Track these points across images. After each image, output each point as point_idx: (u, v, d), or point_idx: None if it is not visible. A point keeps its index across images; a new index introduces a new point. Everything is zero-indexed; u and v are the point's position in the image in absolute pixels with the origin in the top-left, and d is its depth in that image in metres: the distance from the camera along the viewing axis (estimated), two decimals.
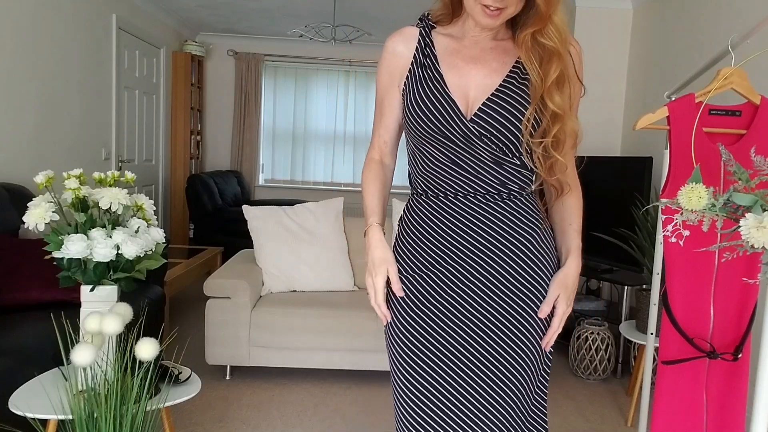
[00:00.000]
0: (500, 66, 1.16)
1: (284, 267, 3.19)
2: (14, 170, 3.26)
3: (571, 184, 1.20)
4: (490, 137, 1.13)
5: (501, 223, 1.17)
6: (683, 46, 3.43)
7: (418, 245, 1.21)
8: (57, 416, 1.58)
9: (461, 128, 1.13)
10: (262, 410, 2.67)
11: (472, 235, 1.17)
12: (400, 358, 1.20)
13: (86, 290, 1.71)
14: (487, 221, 1.17)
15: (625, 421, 2.70)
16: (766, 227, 0.99)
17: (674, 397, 1.68)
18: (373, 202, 1.26)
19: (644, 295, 2.80)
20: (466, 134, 1.13)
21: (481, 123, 1.12)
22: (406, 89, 1.19)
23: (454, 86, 1.15)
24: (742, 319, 1.63)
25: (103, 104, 4.41)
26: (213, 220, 5.57)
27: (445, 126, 1.13)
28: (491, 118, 1.12)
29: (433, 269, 1.19)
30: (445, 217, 1.19)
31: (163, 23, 5.58)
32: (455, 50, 1.18)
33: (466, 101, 1.14)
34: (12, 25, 3.25)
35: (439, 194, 1.20)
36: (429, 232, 1.20)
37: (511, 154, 1.14)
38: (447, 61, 1.17)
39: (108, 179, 1.80)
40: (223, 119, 6.74)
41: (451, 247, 1.18)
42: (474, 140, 1.13)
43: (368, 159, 1.31)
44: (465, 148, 1.14)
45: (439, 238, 1.19)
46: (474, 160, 1.15)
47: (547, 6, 1.05)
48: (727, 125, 1.68)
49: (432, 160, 1.18)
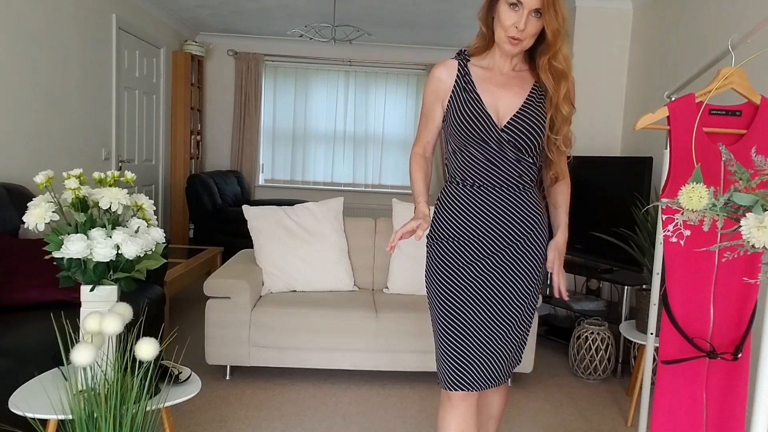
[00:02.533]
0: (521, 90, 1.62)
1: (284, 267, 3.19)
2: (14, 170, 3.26)
3: (564, 173, 1.71)
4: (515, 142, 1.57)
5: (517, 209, 1.63)
6: (683, 46, 3.43)
7: (457, 220, 1.65)
8: (57, 416, 1.58)
9: (495, 135, 1.58)
10: (262, 410, 2.67)
11: (497, 216, 1.63)
12: (441, 303, 1.66)
13: (86, 290, 1.71)
14: (508, 206, 1.63)
15: (625, 421, 2.70)
16: (766, 227, 0.99)
17: (674, 397, 1.68)
18: (420, 187, 1.70)
19: (644, 295, 2.80)
20: (499, 139, 1.58)
21: (510, 132, 1.58)
22: (451, 106, 1.63)
23: (489, 104, 1.59)
24: (742, 318, 1.63)
25: (103, 104, 4.41)
26: (213, 220, 5.57)
27: (483, 133, 1.58)
28: (517, 129, 1.58)
29: (468, 237, 1.64)
30: (478, 201, 1.63)
31: (163, 23, 5.58)
32: (487, 78, 1.63)
33: (497, 115, 1.59)
34: (12, 25, 3.25)
35: (474, 183, 1.63)
36: (466, 212, 1.64)
37: (528, 154, 1.60)
38: (482, 87, 1.62)
39: (108, 179, 1.80)
40: (223, 119, 6.74)
41: (481, 223, 1.63)
42: (504, 144, 1.58)
43: (414, 153, 1.75)
44: (496, 149, 1.59)
45: (473, 217, 1.63)
46: (502, 158, 1.59)
47: (554, 39, 1.50)
48: (727, 125, 1.68)
49: (471, 157, 1.61)
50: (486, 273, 1.64)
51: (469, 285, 1.63)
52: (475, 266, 1.64)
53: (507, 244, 1.64)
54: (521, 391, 3.00)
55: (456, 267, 1.65)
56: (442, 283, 1.66)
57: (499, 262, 1.64)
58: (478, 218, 1.63)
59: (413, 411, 2.73)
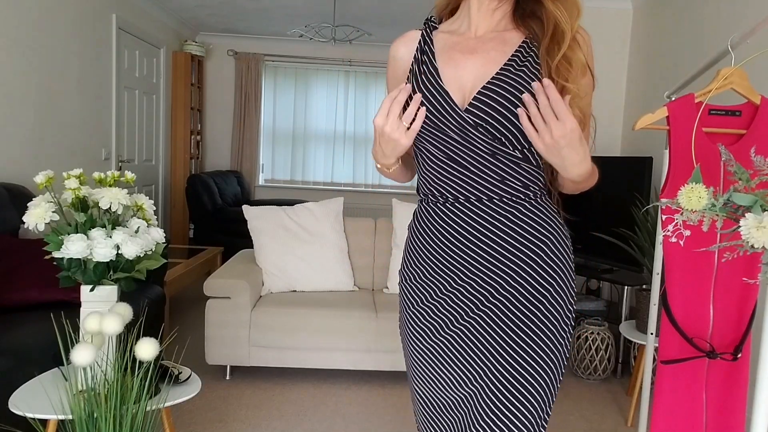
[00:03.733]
0: (498, 55, 1.10)
1: (284, 267, 3.19)
2: (14, 170, 3.26)
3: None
4: (486, 126, 1.06)
5: (504, 234, 1.10)
6: (683, 46, 3.43)
7: (425, 254, 1.18)
8: (57, 416, 1.58)
9: (455, 119, 1.08)
10: (262, 410, 2.67)
11: (476, 247, 1.11)
12: (415, 368, 1.22)
13: (86, 290, 1.71)
14: (489, 231, 1.11)
15: (625, 421, 2.70)
16: (766, 227, 0.99)
17: (674, 397, 1.68)
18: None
19: (644, 295, 2.80)
20: (461, 125, 1.07)
21: (475, 112, 1.06)
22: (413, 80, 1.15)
23: (449, 78, 1.11)
24: (741, 318, 1.63)
25: (103, 104, 4.41)
26: (213, 220, 5.57)
27: (438, 118, 1.09)
28: (486, 106, 1.06)
29: (438, 276, 1.16)
30: (447, 225, 1.14)
31: (163, 23, 5.58)
32: (454, 44, 1.15)
33: (462, 92, 1.10)
34: (12, 25, 3.25)
35: (438, 199, 1.15)
36: (434, 241, 1.16)
37: (510, 145, 1.07)
38: (444, 56, 1.14)
39: (108, 179, 1.80)
40: (223, 119, 6.73)
41: (455, 259, 1.13)
42: (469, 131, 1.07)
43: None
44: (460, 140, 1.09)
45: (442, 250, 1.15)
46: (470, 154, 1.09)
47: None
48: (727, 125, 1.68)
49: (430, 159, 1.14)
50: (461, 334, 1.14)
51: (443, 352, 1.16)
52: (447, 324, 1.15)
53: (498, 292, 1.11)
54: None
55: (422, 323, 1.18)
56: (415, 344, 1.21)
57: (488, 323, 1.12)
58: (446, 251, 1.14)
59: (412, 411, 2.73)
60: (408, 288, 1.21)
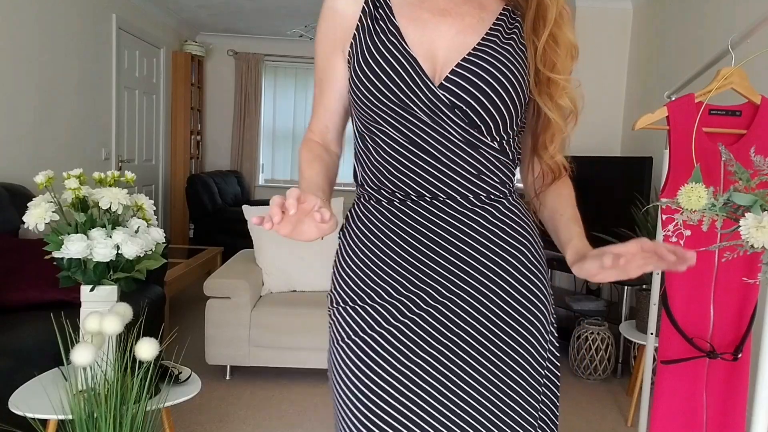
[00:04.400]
0: (477, 23, 0.91)
1: (284, 267, 3.19)
2: (14, 170, 3.26)
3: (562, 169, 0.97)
4: (464, 108, 0.87)
5: (481, 236, 0.90)
6: (683, 46, 3.43)
7: (376, 266, 0.92)
8: (57, 416, 1.58)
9: (427, 96, 0.86)
10: (262, 410, 2.67)
11: (444, 253, 0.89)
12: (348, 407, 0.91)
13: (86, 290, 1.71)
14: (462, 233, 0.90)
15: (625, 421, 2.70)
16: (765, 227, 0.99)
17: (674, 397, 1.68)
18: (316, 180, 0.94)
19: (644, 295, 2.80)
20: (434, 104, 0.87)
21: (452, 89, 0.87)
22: (353, 51, 0.92)
23: (416, 42, 0.89)
24: (742, 319, 1.63)
25: (103, 104, 4.41)
26: (213, 220, 5.57)
27: (404, 92, 0.86)
28: (467, 82, 0.87)
29: (390, 299, 0.90)
30: (408, 229, 0.90)
31: (163, 23, 5.58)
32: (417, 1, 0.93)
33: (432, 63, 0.88)
34: (12, 25, 3.25)
35: (396, 196, 0.92)
36: (389, 250, 0.91)
37: (489, 134, 0.89)
38: (406, 13, 0.91)
39: (108, 179, 1.80)
40: (223, 119, 6.73)
41: (413, 270, 0.90)
42: (443, 113, 0.87)
43: (305, 139, 1.04)
44: (430, 123, 0.88)
45: (396, 259, 0.90)
46: (442, 141, 0.88)
47: None
48: (727, 125, 1.68)
49: (387, 144, 0.92)
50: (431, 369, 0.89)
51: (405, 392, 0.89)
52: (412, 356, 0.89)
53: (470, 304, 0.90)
54: None
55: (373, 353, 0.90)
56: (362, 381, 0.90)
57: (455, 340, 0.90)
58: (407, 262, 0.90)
59: None
60: (349, 311, 0.93)
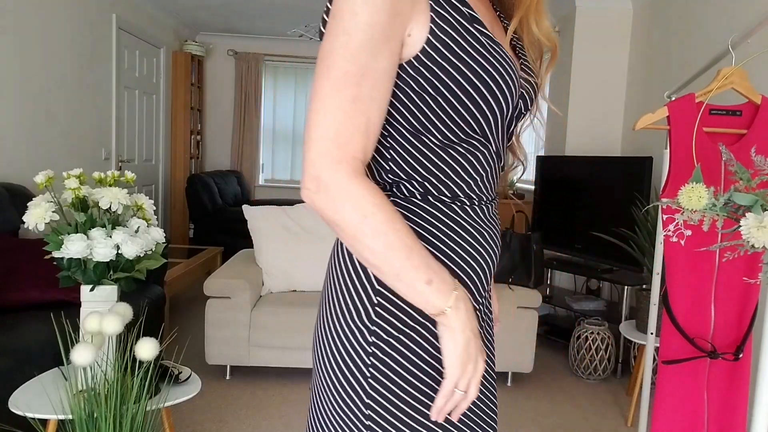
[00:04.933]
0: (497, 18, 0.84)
1: (284, 267, 3.19)
2: (14, 170, 3.26)
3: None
4: (518, 118, 0.82)
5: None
6: (683, 46, 3.43)
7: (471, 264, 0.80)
8: (57, 416, 1.58)
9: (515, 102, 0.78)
10: (262, 410, 2.67)
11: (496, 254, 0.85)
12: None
13: (86, 290, 1.71)
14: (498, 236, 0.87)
15: (625, 421, 2.70)
16: (766, 227, 0.99)
17: (675, 397, 1.68)
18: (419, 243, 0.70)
19: (644, 295, 2.80)
20: (512, 117, 0.80)
21: (521, 101, 0.81)
22: (437, 39, 0.70)
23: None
24: (743, 318, 1.63)
25: (103, 104, 4.40)
26: (213, 220, 5.57)
27: (513, 99, 0.76)
28: (527, 90, 0.82)
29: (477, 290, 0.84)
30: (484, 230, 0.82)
31: (163, 23, 5.58)
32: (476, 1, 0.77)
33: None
34: (12, 25, 3.25)
35: (477, 200, 0.80)
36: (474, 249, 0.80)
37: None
38: (483, 16, 0.75)
39: (108, 179, 1.80)
40: (223, 119, 6.73)
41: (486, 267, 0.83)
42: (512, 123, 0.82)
43: (360, 173, 0.68)
44: (504, 135, 0.81)
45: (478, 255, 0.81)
46: (503, 150, 0.83)
47: None
48: (727, 125, 1.68)
49: (481, 155, 0.78)
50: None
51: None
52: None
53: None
54: (521, 391, 2.99)
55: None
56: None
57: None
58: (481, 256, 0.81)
59: None
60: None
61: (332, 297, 0.80)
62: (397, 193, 0.78)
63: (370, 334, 0.76)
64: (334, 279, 0.81)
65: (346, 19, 0.65)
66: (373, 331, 0.75)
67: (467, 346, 0.71)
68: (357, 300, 0.77)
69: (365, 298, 0.76)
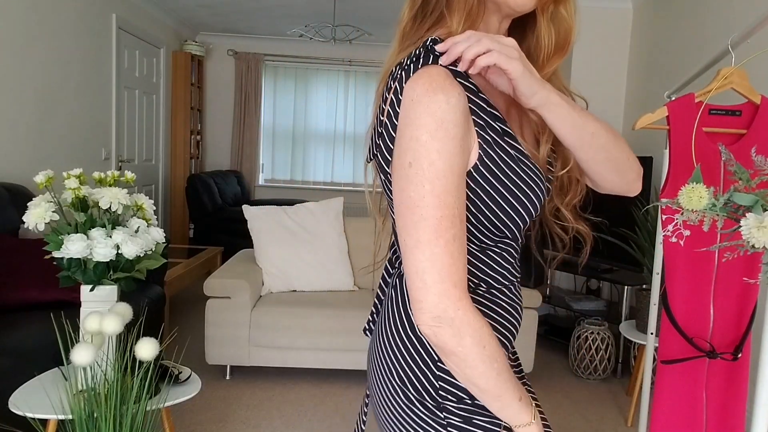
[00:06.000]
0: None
1: (284, 267, 3.19)
2: (14, 170, 3.26)
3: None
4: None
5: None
6: (683, 46, 3.43)
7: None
8: (57, 416, 1.58)
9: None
10: (262, 410, 2.67)
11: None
12: None
13: (86, 290, 1.71)
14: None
15: (625, 421, 2.70)
16: (766, 227, 0.99)
17: (674, 396, 1.68)
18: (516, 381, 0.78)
19: (644, 295, 2.80)
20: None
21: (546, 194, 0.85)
22: (485, 167, 0.76)
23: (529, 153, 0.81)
24: (742, 318, 1.63)
25: (103, 104, 4.41)
26: (213, 219, 5.57)
27: (540, 201, 0.81)
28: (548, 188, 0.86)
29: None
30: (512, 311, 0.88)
31: (163, 23, 5.58)
32: (490, 89, 0.81)
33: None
34: (12, 25, 3.25)
35: (492, 285, 0.86)
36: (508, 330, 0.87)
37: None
38: (502, 109, 0.81)
39: (108, 179, 1.80)
40: (223, 119, 6.73)
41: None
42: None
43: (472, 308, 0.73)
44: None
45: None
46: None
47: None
48: (727, 125, 1.68)
49: (496, 251, 0.85)
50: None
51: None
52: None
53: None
54: None
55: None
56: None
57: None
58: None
59: None
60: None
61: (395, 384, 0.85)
62: None
63: (440, 410, 0.82)
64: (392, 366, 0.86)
65: (425, 168, 0.71)
66: (443, 407, 0.82)
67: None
68: (422, 384, 0.83)
69: (428, 385, 0.83)
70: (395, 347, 0.85)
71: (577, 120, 0.80)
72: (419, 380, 0.82)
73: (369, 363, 0.92)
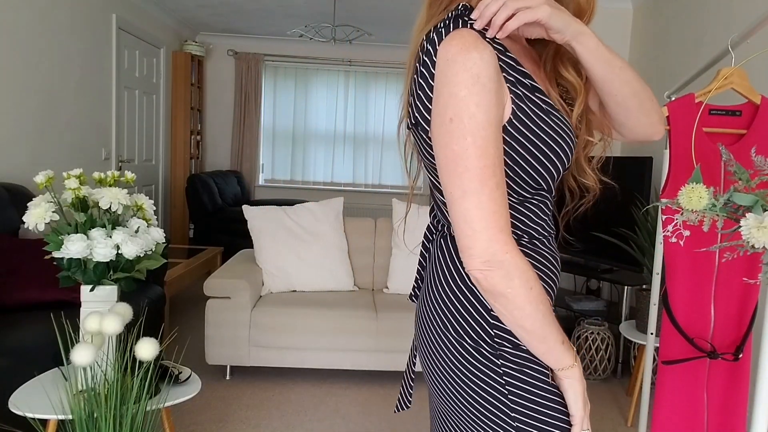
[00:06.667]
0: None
1: (284, 267, 3.19)
2: (14, 170, 3.26)
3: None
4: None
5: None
6: (683, 46, 3.43)
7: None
8: (57, 416, 1.58)
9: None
10: (262, 410, 2.67)
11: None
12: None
13: (86, 290, 1.71)
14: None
15: (625, 421, 2.70)
16: (766, 227, 0.99)
17: (675, 397, 1.68)
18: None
19: (644, 295, 2.80)
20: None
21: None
22: (518, 121, 0.80)
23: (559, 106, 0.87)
24: (742, 319, 1.63)
25: (103, 104, 4.41)
26: (213, 220, 5.57)
27: (572, 152, 0.87)
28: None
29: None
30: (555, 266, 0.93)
31: (163, 23, 5.58)
32: (519, 52, 0.86)
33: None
34: (12, 25, 3.25)
35: (543, 238, 0.91)
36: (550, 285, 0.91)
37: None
38: (531, 70, 0.85)
39: (108, 179, 1.80)
40: (223, 119, 6.73)
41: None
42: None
43: (518, 252, 0.78)
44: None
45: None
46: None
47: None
48: (727, 125, 1.68)
49: (537, 203, 0.89)
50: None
51: None
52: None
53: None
54: None
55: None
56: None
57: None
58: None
59: (413, 411, 2.73)
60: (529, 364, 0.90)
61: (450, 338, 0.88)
62: None
63: (497, 357, 0.85)
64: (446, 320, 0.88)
65: (465, 122, 0.75)
66: (499, 354, 0.85)
67: (584, 391, 0.84)
68: (477, 333, 0.86)
69: (483, 333, 0.85)
70: (447, 302, 0.87)
71: (605, 53, 0.84)
72: (474, 330, 0.85)
73: (417, 325, 0.95)
